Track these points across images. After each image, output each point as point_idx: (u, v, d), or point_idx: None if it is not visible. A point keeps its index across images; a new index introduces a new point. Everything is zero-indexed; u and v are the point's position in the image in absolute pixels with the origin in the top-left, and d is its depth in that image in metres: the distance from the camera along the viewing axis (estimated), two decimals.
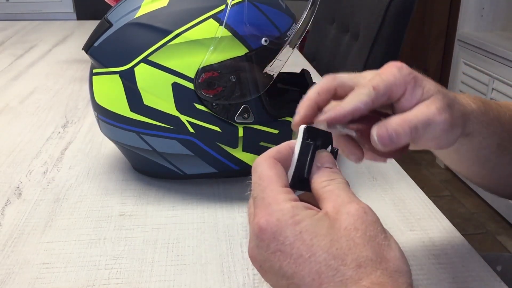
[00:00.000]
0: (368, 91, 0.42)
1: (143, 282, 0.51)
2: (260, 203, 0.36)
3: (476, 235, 2.00)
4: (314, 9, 0.59)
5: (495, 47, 2.08)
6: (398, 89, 0.42)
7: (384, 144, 0.41)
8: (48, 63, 1.35)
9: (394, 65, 0.44)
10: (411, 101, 0.43)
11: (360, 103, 0.41)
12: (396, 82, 0.42)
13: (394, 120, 0.41)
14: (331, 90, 0.44)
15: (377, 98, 0.42)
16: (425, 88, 0.43)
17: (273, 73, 0.62)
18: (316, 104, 0.43)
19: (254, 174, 0.39)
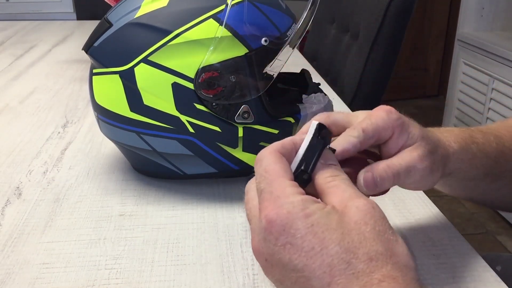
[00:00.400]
0: (358, 133, 0.44)
1: (143, 282, 0.51)
2: (268, 196, 0.36)
3: (476, 235, 2.00)
4: (314, 9, 0.59)
5: (495, 47, 2.08)
6: (386, 133, 0.45)
7: (369, 188, 0.43)
8: (48, 63, 1.35)
9: (383, 109, 0.46)
10: (397, 145, 0.45)
11: (349, 145, 0.44)
12: (385, 126, 0.45)
13: (379, 166, 0.44)
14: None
15: (365, 141, 0.44)
16: (411, 133, 0.46)
17: (273, 73, 0.62)
18: None
19: (259, 166, 0.39)
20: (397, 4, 1.24)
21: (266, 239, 0.35)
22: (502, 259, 0.74)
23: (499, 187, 0.56)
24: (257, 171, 0.39)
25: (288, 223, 0.34)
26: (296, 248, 0.34)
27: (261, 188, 0.38)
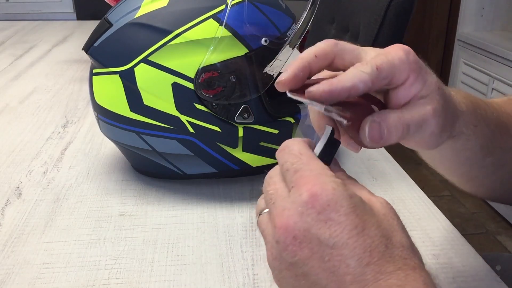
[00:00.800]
0: (371, 69, 0.37)
1: (143, 282, 0.51)
2: (308, 173, 0.35)
3: (476, 235, 2.00)
4: (314, 9, 0.58)
5: (495, 47, 2.08)
6: (401, 76, 0.39)
7: (374, 140, 0.39)
8: (48, 63, 1.35)
9: (401, 48, 0.39)
10: (409, 93, 0.39)
11: (360, 81, 0.37)
12: (401, 67, 0.38)
13: (390, 117, 0.39)
14: (330, 56, 0.40)
15: (378, 80, 0.38)
16: (427, 81, 0.40)
17: (273, 73, 0.62)
18: (309, 67, 0.40)
19: (288, 151, 0.37)
20: (397, 4, 1.24)
21: (304, 213, 0.33)
22: (502, 259, 0.74)
23: (486, 165, 0.52)
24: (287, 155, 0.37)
25: (333, 199, 0.33)
26: (339, 225, 0.33)
27: (296, 168, 0.36)
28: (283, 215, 0.34)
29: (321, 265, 0.33)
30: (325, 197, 0.33)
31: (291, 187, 0.35)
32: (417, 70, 0.39)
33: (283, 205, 0.35)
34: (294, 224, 0.34)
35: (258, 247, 0.57)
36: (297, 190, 0.34)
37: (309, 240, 0.33)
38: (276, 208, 0.35)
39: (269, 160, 0.66)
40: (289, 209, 0.34)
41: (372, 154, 0.79)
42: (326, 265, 0.33)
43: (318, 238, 0.33)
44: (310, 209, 0.33)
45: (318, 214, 0.33)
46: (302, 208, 0.34)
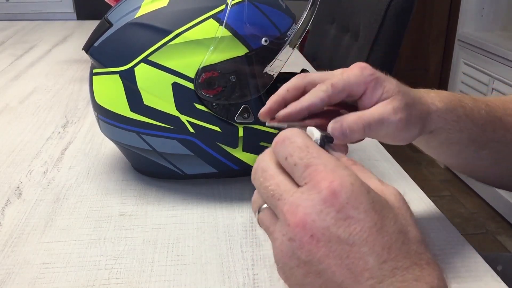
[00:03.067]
0: (326, 88, 0.46)
1: (143, 282, 0.51)
2: (322, 168, 0.34)
3: (476, 235, 2.00)
4: (314, 9, 0.58)
5: (495, 47, 2.08)
6: (358, 89, 0.47)
7: (338, 139, 0.45)
8: (48, 63, 1.35)
9: (358, 65, 0.48)
10: (371, 100, 0.47)
11: (316, 99, 0.46)
12: (357, 82, 0.47)
13: (350, 117, 0.45)
14: (300, 88, 0.48)
15: (334, 95, 0.46)
16: (385, 88, 0.47)
17: (273, 73, 0.62)
18: (284, 100, 0.48)
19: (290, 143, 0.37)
20: (397, 4, 1.24)
21: (323, 211, 0.33)
22: (502, 259, 0.74)
23: (483, 157, 0.56)
24: (290, 148, 0.36)
25: (352, 195, 0.33)
26: (358, 222, 0.33)
27: (307, 162, 0.35)
28: (297, 212, 0.33)
29: (338, 262, 0.33)
30: (344, 194, 0.33)
31: (304, 183, 0.34)
32: (373, 81, 0.47)
33: (295, 202, 0.34)
34: (312, 222, 0.33)
35: (258, 247, 0.57)
36: (313, 187, 0.34)
37: (328, 239, 0.33)
38: (286, 204, 0.34)
39: None
40: (305, 206, 0.33)
41: (372, 154, 0.79)
42: (344, 263, 0.33)
43: (338, 236, 0.33)
44: (329, 208, 0.33)
45: (337, 213, 0.33)
46: (321, 207, 0.33)
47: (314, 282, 0.34)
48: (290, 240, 0.34)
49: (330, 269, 0.33)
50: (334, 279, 0.33)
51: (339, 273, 0.33)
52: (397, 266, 0.32)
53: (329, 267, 0.33)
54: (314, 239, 0.33)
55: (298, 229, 0.33)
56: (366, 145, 0.82)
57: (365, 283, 0.32)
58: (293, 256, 0.34)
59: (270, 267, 0.53)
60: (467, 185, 2.30)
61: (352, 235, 0.33)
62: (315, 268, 0.33)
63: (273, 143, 0.38)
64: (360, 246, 0.33)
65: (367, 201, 0.33)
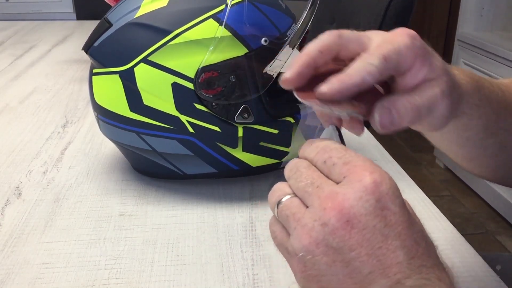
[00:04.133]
0: (378, 61, 0.37)
1: (143, 282, 0.51)
2: (362, 163, 0.34)
3: (476, 235, 2.00)
4: (314, 9, 0.58)
5: (495, 47, 2.08)
6: (407, 62, 0.38)
7: (385, 128, 0.38)
8: (48, 63, 1.35)
9: (407, 33, 0.39)
10: (416, 77, 0.39)
11: (368, 75, 0.36)
12: (408, 54, 0.38)
13: (398, 101, 0.38)
14: (334, 49, 0.39)
15: (386, 70, 0.37)
16: (433, 65, 0.39)
17: (273, 73, 0.62)
18: (315, 63, 0.39)
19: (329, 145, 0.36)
20: (397, 4, 1.24)
21: (363, 198, 0.33)
22: (502, 259, 0.74)
23: (487, 146, 0.51)
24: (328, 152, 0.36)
25: (391, 189, 0.34)
26: (394, 215, 0.33)
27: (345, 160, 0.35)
28: (336, 198, 0.33)
29: (369, 252, 0.33)
30: (384, 185, 0.33)
31: (343, 177, 0.34)
32: (423, 55, 0.39)
33: (334, 189, 0.34)
34: (350, 208, 0.33)
35: (258, 247, 0.57)
36: (354, 178, 0.34)
37: (363, 227, 0.33)
38: (325, 191, 0.34)
39: (269, 160, 0.66)
40: (344, 193, 0.33)
41: (372, 154, 0.79)
42: (375, 253, 0.33)
43: (374, 226, 0.33)
44: (369, 195, 0.33)
45: (376, 202, 0.33)
46: (361, 193, 0.33)
47: (338, 272, 0.33)
48: (323, 225, 0.33)
49: (360, 258, 0.33)
50: (362, 269, 0.33)
51: (369, 263, 0.33)
52: (423, 264, 0.33)
53: (360, 256, 0.33)
54: (349, 224, 0.33)
55: (334, 212, 0.33)
56: (366, 144, 0.82)
57: (393, 277, 0.32)
58: (322, 242, 0.33)
59: (270, 267, 0.53)
60: (467, 185, 2.30)
61: (387, 227, 0.33)
62: (343, 257, 0.33)
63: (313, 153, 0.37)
64: (393, 239, 0.33)
65: (401, 197, 0.34)
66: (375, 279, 0.33)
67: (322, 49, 0.38)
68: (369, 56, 0.37)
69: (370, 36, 0.40)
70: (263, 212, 0.63)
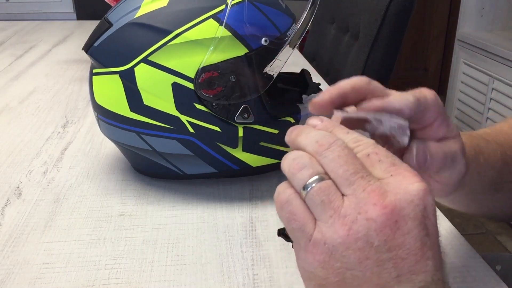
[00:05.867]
0: (414, 99, 0.40)
1: (143, 282, 0.51)
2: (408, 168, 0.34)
3: (476, 235, 2.00)
4: (314, 9, 0.59)
5: (495, 47, 2.08)
6: (430, 116, 0.41)
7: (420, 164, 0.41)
8: (48, 63, 1.35)
9: (431, 90, 0.42)
10: (436, 133, 0.42)
11: (406, 107, 0.40)
12: (432, 108, 0.41)
13: (431, 145, 0.42)
14: (364, 92, 0.41)
15: (416, 112, 0.40)
16: (450, 125, 0.43)
17: (273, 73, 0.62)
18: (345, 97, 0.41)
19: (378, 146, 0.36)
20: (397, 4, 1.24)
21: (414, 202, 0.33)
22: (502, 259, 0.74)
23: (498, 199, 0.54)
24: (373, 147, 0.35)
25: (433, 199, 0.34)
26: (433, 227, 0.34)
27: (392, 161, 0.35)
28: (387, 195, 0.33)
29: (405, 257, 0.33)
30: (431, 196, 0.34)
31: (390, 175, 0.34)
32: (444, 114, 0.42)
33: (382, 186, 0.33)
34: (401, 209, 0.33)
35: (258, 247, 0.57)
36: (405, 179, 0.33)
37: (408, 231, 0.33)
38: (372, 185, 0.33)
39: (269, 160, 0.66)
40: (395, 193, 0.33)
41: None
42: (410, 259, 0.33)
43: (418, 232, 0.33)
44: (420, 200, 0.33)
45: (424, 209, 0.33)
46: (413, 197, 0.33)
47: (367, 269, 0.33)
48: (370, 220, 0.32)
49: (394, 260, 0.33)
50: (392, 271, 0.33)
51: (401, 267, 0.33)
52: (441, 278, 0.34)
53: (395, 258, 0.33)
54: (396, 225, 0.33)
55: (386, 210, 0.32)
56: None
57: (417, 284, 0.33)
58: (363, 238, 0.33)
59: (270, 267, 0.53)
60: None
61: (427, 236, 0.33)
62: (379, 256, 0.33)
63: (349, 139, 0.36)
64: (428, 248, 0.33)
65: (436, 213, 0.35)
66: (400, 283, 0.33)
67: (355, 88, 0.41)
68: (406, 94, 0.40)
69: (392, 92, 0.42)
70: (263, 212, 0.63)
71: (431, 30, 3.23)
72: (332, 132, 0.36)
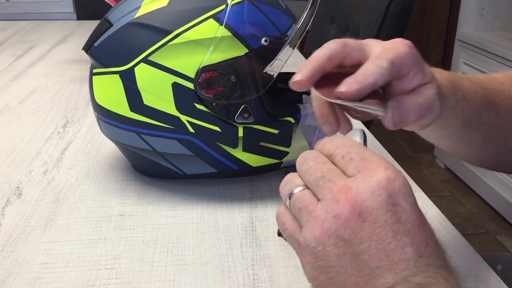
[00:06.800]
0: (387, 64, 0.41)
1: (143, 282, 0.51)
2: (378, 160, 0.35)
3: (476, 235, 2.00)
4: (314, 9, 0.58)
5: (495, 47, 2.08)
6: (406, 68, 0.42)
7: (396, 124, 0.42)
8: (48, 63, 1.35)
9: (405, 43, 0.43)
10: (412, 83, 0.43)
11: (380, 76, 0.41)
12: (408, 60, 0.42)
13: (405, 101, 0.42)
14: (341, 57, 0.43)
15: (392, 74, 0.41)
16: (425, 71, 0.44)
17: (273, 73, 0.62)
18: (323, 69, 0.43)
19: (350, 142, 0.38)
20: (397, 4, 1.24)
21: (376, 192, 0.34)
22: (502, 259, 0.74)
23: (473, 139, 0.54)
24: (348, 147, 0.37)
25: (403, 186, 0.34)
26: (405, 212, 0.34)
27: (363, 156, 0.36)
28: (349, 191, 0.34)
29: (379, 246, 0.33)
30: (397, 182, 0.34)
31: (358, 171, 0.35)
32: (419, 63, 0.43)
33: (347, 183, 0.35)
34: (363, 201, 0.34)
35: (258, 247, 0.57)
36: (368, 172, 0.35)
37: (374, 221, 0.33)
38: (338, 185, 0.35)
39: (269, 160, 0.66)
40: (357, 187, 0.34)
41: None
42: (384, 248, 0.33)
43: (385, 220, 0.33)
44: (382, 190, 0.34)
45: (388, 197, 0.34)
46: (374, 188, 0.34)
47: (347, 264, 0.34)
48: (336, 216, 0.34)
49: (369, 252, 0.33)
50: (370, 263, 0.33)
51: (377, 257, 0.33)
52: (430, 263, 0.33)
53: (369, 249, 0.33)
54: (361, 217, 0.34)
55: (347, 205, 0.34)
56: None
57: (400, 273, 0.33)
58: (334, 234, 0.34)
59: (270, 267, 0.53)
60: (467, 185, 2.30)
61: (398, 223, 0.33)
62: (353, 249, 0.34)
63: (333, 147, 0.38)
64: (403, 235, 0.33)
65: (414, 197, 0.35)
66: (382, 274, 0.33)
67: (331, 56, 0.43)
68: (378, 59, 0.41)
69: (370, 45, 0.44)
70: (263, 212, 0.63)
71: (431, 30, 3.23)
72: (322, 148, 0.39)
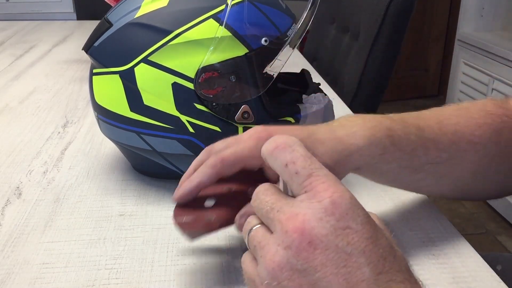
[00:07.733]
0: (215, 163, 0.47)
1: (143, 282, 0.51)
2: (325, 179, 0.35)
3: (476, 235, 2.00)
4: (314, 9, 0.59)
5: (495, 47, 2.08)
6: (254, 161, 0.46)
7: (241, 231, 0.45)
8: (48, 63, 1.35)
9: (255, 135, 0.47)
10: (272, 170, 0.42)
11: (204, 176, 0.47)
12: (250, 155, 0.46)
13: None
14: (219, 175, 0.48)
15: (225, 169, 0.47)
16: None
17: (273, 73, 0.62)
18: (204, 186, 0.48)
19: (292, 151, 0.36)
20: (397, 4, 1.24)
21: (323, 219, 0.33)
22: (502, 259, 0.74)
23: (420, 179, 0.54)
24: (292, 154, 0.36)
25: (351, 208, 0.34)
26: (356, 233, 0.33)
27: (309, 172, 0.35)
28: (297, 219, 0.34)
29: (334, 271, 0.33)
30: (344, 205, 0.34)
31: (304, 191, 0.35)
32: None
33: (294, 210, 0.34)
34: (311, 229, 0.33)
35: None
36: (314, 196, 0.34)
37: (326, 247, 0.33)
38: (286, 213, 0.35)
39: None
40: (304, 214, 0.34)
41: None
42: (340, 272, 0.33)
43: (336, 245, 0.33)
44: (329, 216, 0.33)
45: (337, 221, 0.33)
46: (321, 215, 0.33)
47: None
48: (287, 248, 0.34)
49: (326, 278, 0.33)
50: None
51: (335, 282, 0.33)
52: (391, 279, 0.33)
53: (325, 276, 0.33)
54: (311, 245, 0.33)
55: (296, 235, 0.33)
56: None
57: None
58: (287, 266, 0.33)
59: None
60: None
61: (350, 245, 0.33)
62: (309, 279, 0.33)
63: (271, 147, 0.38)
64: (358, 256, 0.33)
65: (364, 215, 0.34)
66: None
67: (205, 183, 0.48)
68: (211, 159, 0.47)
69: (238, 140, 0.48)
70: None
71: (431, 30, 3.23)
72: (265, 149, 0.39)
